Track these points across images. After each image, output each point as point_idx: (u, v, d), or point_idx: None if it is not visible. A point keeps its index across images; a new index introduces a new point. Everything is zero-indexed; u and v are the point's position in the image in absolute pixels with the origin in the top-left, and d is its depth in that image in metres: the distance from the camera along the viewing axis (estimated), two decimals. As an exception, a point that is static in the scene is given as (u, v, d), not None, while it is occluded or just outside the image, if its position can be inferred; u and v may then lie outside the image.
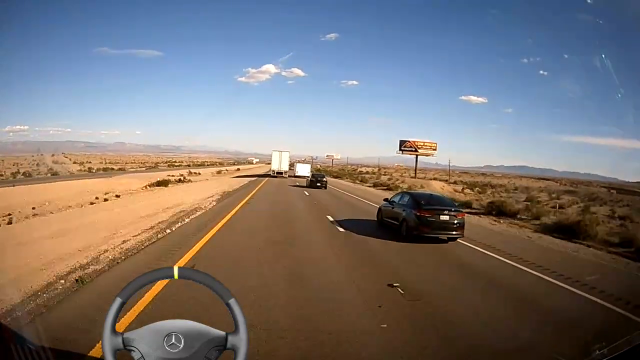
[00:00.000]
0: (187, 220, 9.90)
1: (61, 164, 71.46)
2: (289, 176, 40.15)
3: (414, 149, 55.30)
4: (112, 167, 65.79)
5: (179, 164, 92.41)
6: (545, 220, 14.03)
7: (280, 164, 39.70)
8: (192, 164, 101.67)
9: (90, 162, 79.56)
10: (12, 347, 1.67)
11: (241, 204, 14.36)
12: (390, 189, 30.95)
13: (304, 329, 3.67)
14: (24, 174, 43.04)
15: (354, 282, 5.37)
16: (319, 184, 26.22)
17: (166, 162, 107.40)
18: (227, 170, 62.02)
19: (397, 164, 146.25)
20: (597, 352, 1.38)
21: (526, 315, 4.60)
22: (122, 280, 4.42)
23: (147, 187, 22.41)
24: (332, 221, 11.25)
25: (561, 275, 6.45)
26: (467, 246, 8.70)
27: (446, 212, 8.68)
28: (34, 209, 13.49)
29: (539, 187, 57.88)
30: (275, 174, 39.40)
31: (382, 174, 65.63)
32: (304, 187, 26.85)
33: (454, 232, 8.71)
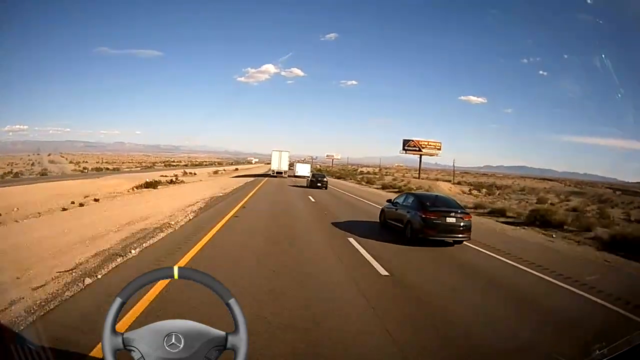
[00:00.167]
0: (133, 252, 6.17)
1: (57, 163, 70.38)
2: (289, 176, 40.44)
3: (417, 149, 53.88)
4: (108, 167, 64.46)
5: (176, 164, 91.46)
6: (598, 232, 11.75)
7: (279, 163, 40.21)
8: (190, 163, 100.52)
9: (86, 162, 78.13)
10: (12, 347, 1.60)
11: (228, 216, 10.81)
12: (401, 191, 26.86)
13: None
14: (15, 174, 41.63)
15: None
16: (319, 184, 26.48)
17: (164, 162, 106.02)
18: (224, 170, 60.29)
19: (397, 164, 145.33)
20: (597, 352, 1.32)
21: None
22: None
23: (135, 188, 20.86)
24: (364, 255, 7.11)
25: None
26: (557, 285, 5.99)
27: (452, 214, 8.32)
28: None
29: (544, 188, 56.58)
30: (274, 174, 39.75)
31: (384, 174, 64.25)
32: (304, 187, 26.57)
33: (461, 235, 8.34)
